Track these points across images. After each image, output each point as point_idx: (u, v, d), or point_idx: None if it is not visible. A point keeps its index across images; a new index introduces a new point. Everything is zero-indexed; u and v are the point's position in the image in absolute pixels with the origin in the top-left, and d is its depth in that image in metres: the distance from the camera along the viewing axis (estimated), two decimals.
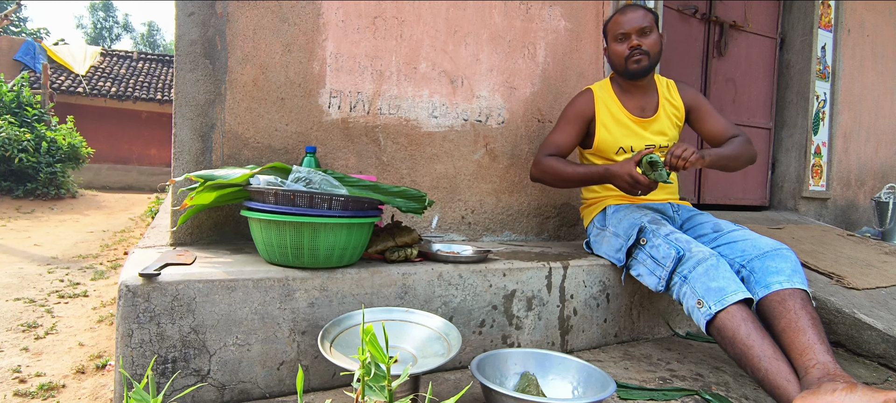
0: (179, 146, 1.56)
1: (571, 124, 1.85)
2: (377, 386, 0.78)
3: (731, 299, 1.30)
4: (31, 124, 7.36)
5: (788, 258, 1.43)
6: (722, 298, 1.30)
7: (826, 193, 3.42)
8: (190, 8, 1.55)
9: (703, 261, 1.39)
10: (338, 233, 1.25)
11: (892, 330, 1.74)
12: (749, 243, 1.51)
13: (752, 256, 1.46)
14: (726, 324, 1.28)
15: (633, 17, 1.75)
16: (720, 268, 1.37)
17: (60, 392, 1.53)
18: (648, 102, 1.85)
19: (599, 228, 1.82)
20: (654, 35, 1.76)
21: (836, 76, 3.41)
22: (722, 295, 1.31)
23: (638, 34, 1.75)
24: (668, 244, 1.48)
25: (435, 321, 1.28)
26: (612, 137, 1.82)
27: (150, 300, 1.10)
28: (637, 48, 1.73)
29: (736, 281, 1.34)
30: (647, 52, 1.74)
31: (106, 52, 13.47)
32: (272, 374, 1.22)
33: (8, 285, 2.72)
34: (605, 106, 1.84)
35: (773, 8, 3.40)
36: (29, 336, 1.98)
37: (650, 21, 1.76)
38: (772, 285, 1.37)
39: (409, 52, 1.92)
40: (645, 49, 1.73)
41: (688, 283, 1.39)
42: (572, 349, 1.68)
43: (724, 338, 1.29)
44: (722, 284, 1.33)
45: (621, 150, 1.82)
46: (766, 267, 1.41)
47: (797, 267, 1.41)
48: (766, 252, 1.45)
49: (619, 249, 1.66)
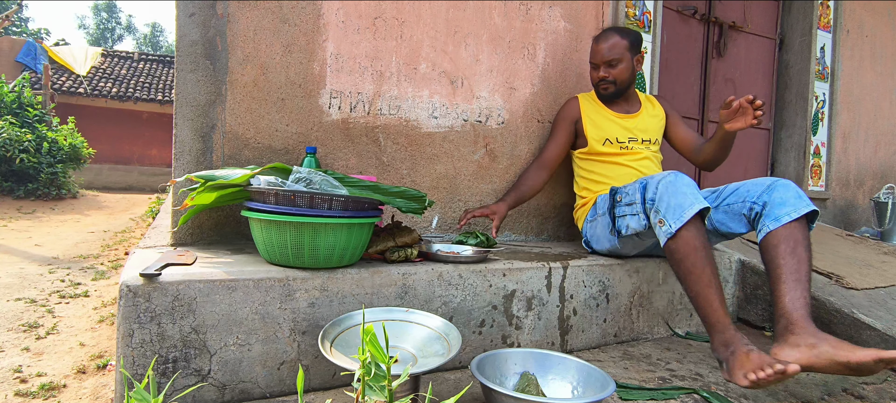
0: (180, 146, 1.57)
1: (559, 130, 2.06)
2: (377, 386, 0.78)
3: (689, 214, 1.37)
4: (32, 125, 7.37)
5: (788, 186, 1.49)
6: (680, 215, 1.38)
7: (825, 193, 3.43)
8: (191, 8, 1.56)
9: (663, 178, 1.46)
10: (338, 233, 1.25)
11: (891, 329, 1.74)
12: (751, 183, 1.58)
13: (761, 191, 1.52)
14: (679, 247, 1.39)
15: (602, 49, 1.93)
16: (678, 183, 1.43)
17: (61, 392, 1.54)
18: (631, 106, 2.05)
19: (591, 219, 1.89)
20: (623, 64, 1.92)
21: (835, 77, 3.41)
22: (680, 212, 1.38)
23: (606, 66, 1.93)
24: (635, 183, 1.59)
25: (435, 321, 1.29)
26: (598, 130, 1.98)
27: (150, 300, 1.11)
28: (604, 79, 1.94)
29: (694, 193, 1.40)
30: (613, 81, 1.93)
31: (107, 53, 13.48)
32: (273, 374, 1.22)
33: (9, 285, 2.73)
34: (588, 108, 2.03)
35: (772, 8, 3.41)
36: (30, 336, 1.99)
37: (620, 51, 1.90)
38: (781, 217, 1.42)
39: (409, 53, 1.92)
40: (611, 79, 1.93)
41: (654, 205, 1.46)
42: (572, 349, 1.68)
43: (674, 260, 1.42)
44: (680, 200, 1.40)
45: (607, 142, 1.97)
46: (773, 199, 1.47)
47: (798, 192, 1.47)
48: (770, 185, 1.51)
49: (607, 225, 1.74)
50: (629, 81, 1.96)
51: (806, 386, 1.48)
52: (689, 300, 1.50)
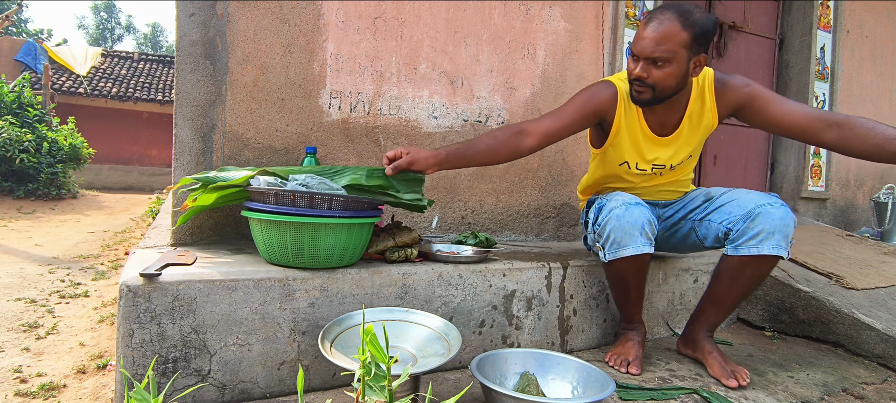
0: (180, 146, 1.57)
1: (580, 113, 1.54)
2: (377, 386, 0.78)
3: (623, 253, 1.44)
4: (32, 125, 7.37)
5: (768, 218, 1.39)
6: (616, 251, 1.46)
7: (825, 194, 3.43)
8: (191, 9, 1.56)
9: (615, 208, 1.45)
10: (338, 233, 1.25)
11: (891, 329, 1.74)
12: (735, 204, 1.50)
13: (736, 218, 1.47)
14: (611, 273, 1.56)
15: (647, 38, 1.39)
16: (626, 217, 1.43)
17: (61, 392, 1.54)
18: (670, 117, 1.55)
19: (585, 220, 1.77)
20: (672, 67, 1.39)
21: (835, 76, 3.41)
22: (616, 249, 1.45)
23: (647, 62, 1.41)
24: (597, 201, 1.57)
25: (435, 321, 1.29)
26: (617, 151, 1.61)
27: (150, 300, 1.11)
28: (640, 80, 1.43)
29: (637, 234, 1.43)
30: (652, 86, 1.42)
31: (107, 53, 13.48)
32: (273, 374, 1.22)
33: (9, 285, 2.73)
34: (627, 111, 1.55)
35: (772, 8, 3.41)
36: (30, 336, 1.99)
37: (672, 47, 1.37)
38: (740, 249, 1.44)
39: (409, 53, 1.92)
40: (650, 83, 1.42)
41: (599, 231, 1.51)
42: (572, 349, 1.68)
43: (607, 274, 1.60)
44: (621, 237, 1.44)
45: (625, 164, 1.61)
46: (746, 229, 1.43)
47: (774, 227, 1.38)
48: (747, 212, 1.44)
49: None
50: (675, 90, 1.45)
51: (806, 386, 1.48)
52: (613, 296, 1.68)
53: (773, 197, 1.45)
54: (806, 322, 1.94)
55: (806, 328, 1.94)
